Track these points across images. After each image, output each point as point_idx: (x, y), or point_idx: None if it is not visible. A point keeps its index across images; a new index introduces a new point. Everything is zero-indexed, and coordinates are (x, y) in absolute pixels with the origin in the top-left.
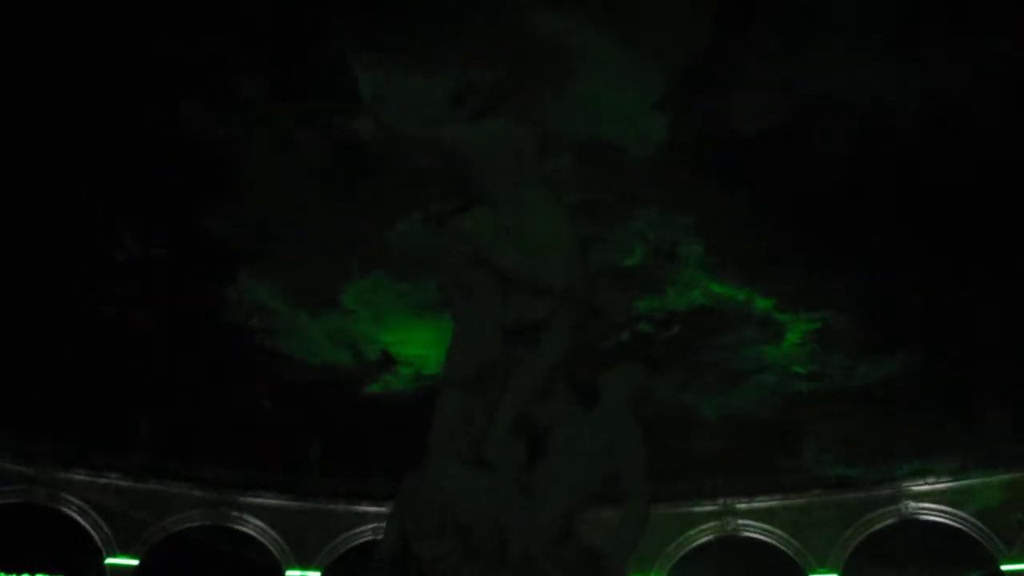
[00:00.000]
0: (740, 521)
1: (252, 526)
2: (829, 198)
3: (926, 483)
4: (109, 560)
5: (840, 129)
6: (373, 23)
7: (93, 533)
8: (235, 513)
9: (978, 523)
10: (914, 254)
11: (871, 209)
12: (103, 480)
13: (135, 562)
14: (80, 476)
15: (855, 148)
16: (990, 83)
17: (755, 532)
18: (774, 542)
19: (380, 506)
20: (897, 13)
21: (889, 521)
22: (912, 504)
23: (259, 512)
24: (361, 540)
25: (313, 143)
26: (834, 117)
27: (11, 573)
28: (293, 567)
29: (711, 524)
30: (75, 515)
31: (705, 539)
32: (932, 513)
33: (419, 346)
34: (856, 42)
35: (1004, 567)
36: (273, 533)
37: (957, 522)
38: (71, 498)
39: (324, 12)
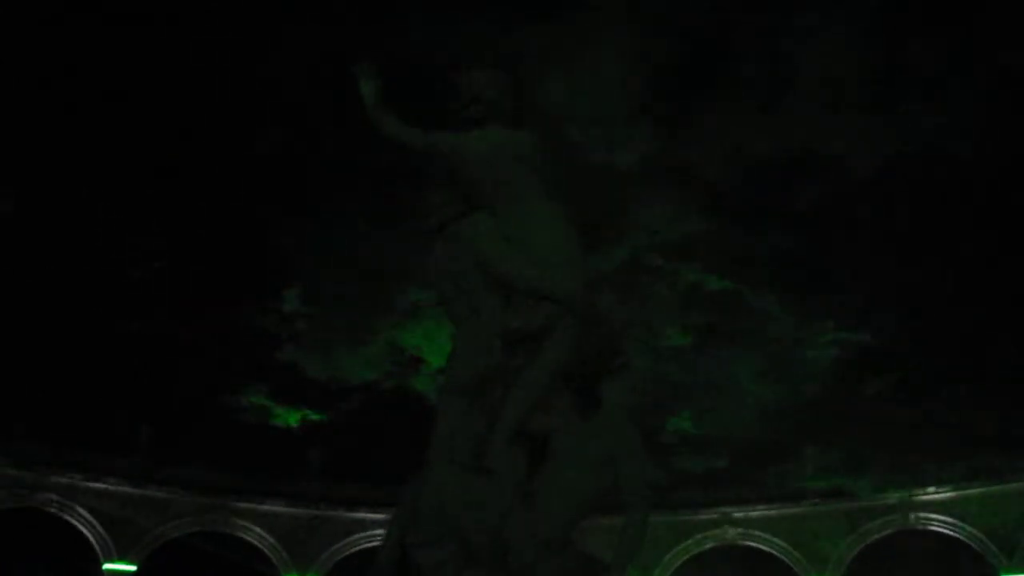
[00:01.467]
0: (739, 530)
1: (250, 532)
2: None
3: (926, 493)
4: (107, 566)
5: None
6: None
7: (91, 538)
8: (234, 519)
9: (978, 533)
10: (917, 273)
11: (869, 237)
12: (101, 485)
13: (133, 568)
14: (78, 481)
15: (833, 193)
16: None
17: (754, 541)
18: (773, 551)
19: (379, 513)
20: (870, 66)
21: (889, 531)
22: (912, 514)
23: (258, 518)
24: (360, 547)
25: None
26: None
27: None
28: (291, 573)
29: (710, 533)
30: (73, 520)
31: (704, 548)
32: (932, 523)
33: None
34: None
35: None
36: (271, 539)
37: (957, 532)
38: (69, 503)
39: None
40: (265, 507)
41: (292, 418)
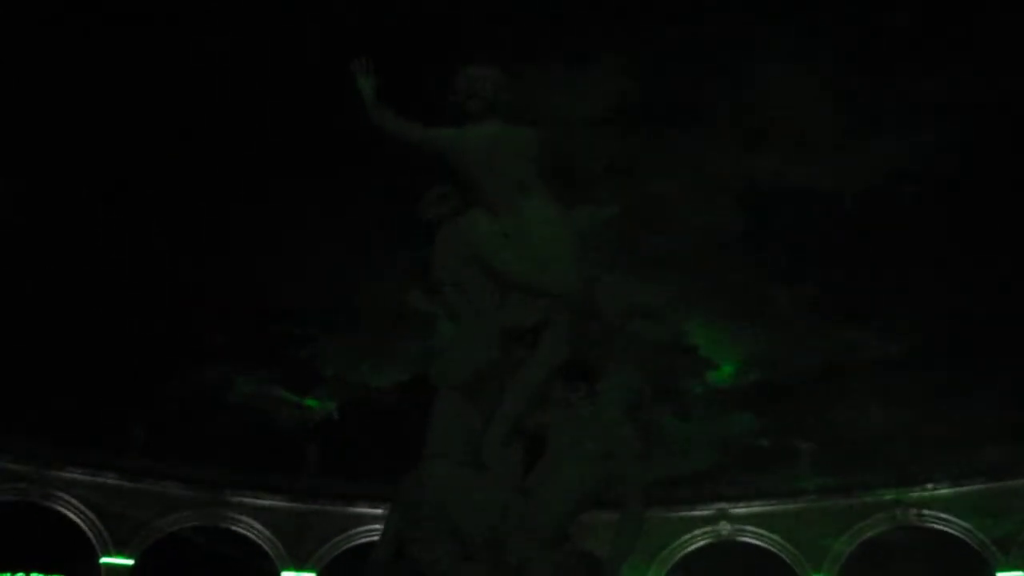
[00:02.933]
0: (736, 526)
1: (248, 527)
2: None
3: (923, 490)
4: (104, 560)
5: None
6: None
7: (88, 532)
8: (231, 514)
9: (975, 530)
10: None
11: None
12: (98, 479)
13: (130, 562)
14: (75, 475)
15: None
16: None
17: (751, 537)
18: (770, 547)
19: (376, 508)
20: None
21: (885, 527)
22: (910, 511)
23: (255, 513)
24: (357, 542)
25: None
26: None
27: (5, 572)
28: (289, 568)
29: (707, 528)
30: (70, 514)
31: (701, 543)
32: (929, 520)
33: None
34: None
35: (999, 574)
36: (269, 534)
37: (953, 529)
38: (66, 497)
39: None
40: (262, 501)
41: (311, 402)
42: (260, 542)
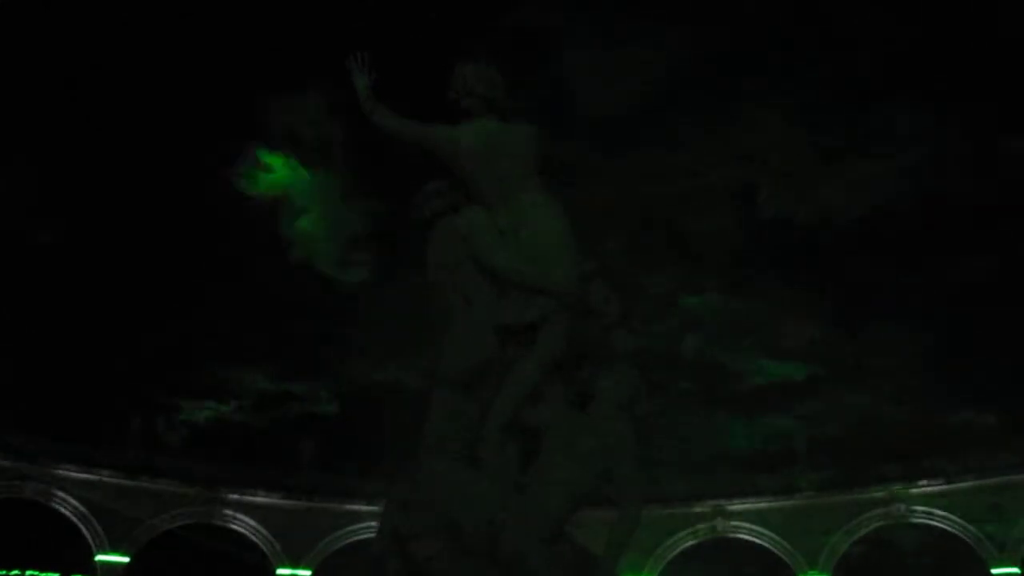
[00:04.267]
0: (731, 522)
1: (243, 524)
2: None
3: (918, 486)
4: (99, 557)
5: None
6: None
7: (83, 530)
8: (226, 511)
9: (969, 526)
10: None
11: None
12: (94, 476)
13: (126, 559)
14: (71, 472)
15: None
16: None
17: (746, 534)
18: (765, 544)
19: (372, 505)
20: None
21: (880, 524)
22: (903, 507)
23: (250, 510)
24: (352, 539)
25: None
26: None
27: (0, 569)
28: (284, 565)
29: (702, 525)
30: (65, 511)
31: (696, 540)
32: (923, 516)
33: None
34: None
35: (994, 571)
36: (264, 531)
37: (948, 525)
38: (61, 494)
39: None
40: (258, 499)
41: (328, 407)
42: (255, 539)
